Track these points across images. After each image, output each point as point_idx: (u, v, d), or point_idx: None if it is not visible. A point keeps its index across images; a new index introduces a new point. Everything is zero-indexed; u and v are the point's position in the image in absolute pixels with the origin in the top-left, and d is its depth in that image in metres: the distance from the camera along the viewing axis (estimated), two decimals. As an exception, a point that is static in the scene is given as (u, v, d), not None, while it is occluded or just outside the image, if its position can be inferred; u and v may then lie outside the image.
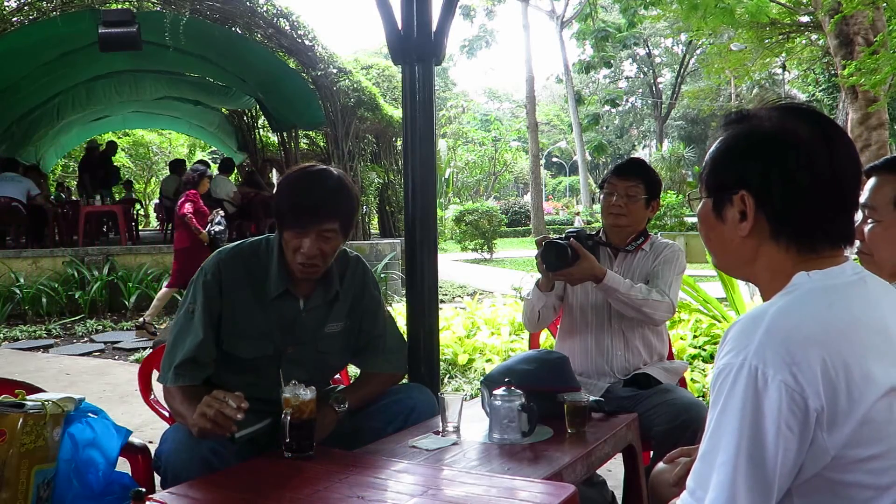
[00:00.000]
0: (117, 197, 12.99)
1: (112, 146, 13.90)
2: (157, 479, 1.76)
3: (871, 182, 1.56)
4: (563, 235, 2.36)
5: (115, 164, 13.61)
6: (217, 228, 6.73)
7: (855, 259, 1.25)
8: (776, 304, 0.98)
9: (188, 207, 6.70)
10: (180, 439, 1.72)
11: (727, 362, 0.94)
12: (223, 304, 1.91)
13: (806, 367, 0.90)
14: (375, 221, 11.91)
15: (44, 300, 7.76)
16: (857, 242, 1.56)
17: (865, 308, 0.98)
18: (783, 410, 0.89)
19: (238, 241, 2.02)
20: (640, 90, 39.46)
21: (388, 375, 2.13)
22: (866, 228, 1.56)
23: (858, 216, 1.55)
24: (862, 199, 1.54)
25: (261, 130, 14.36)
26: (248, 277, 1.94)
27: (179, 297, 7.47)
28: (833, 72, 14.93)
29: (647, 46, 36.37)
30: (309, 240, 1.85)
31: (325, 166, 1.98)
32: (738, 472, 0.90)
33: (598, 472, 2.36)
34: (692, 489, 0.96)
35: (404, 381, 2.34)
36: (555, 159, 45.71)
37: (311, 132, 12.10)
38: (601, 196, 2.55)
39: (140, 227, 15.58)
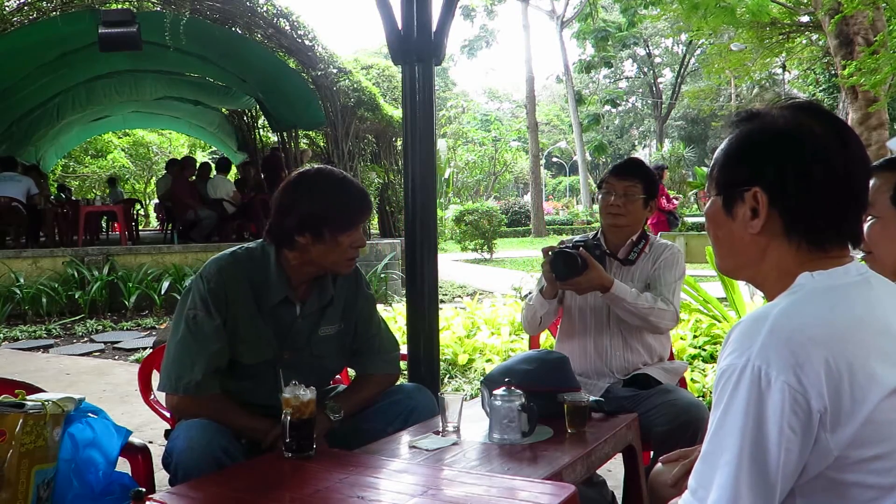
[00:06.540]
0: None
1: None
2: (166, 476, 1.76)
3: (872, 181, 1.56)
4: (571, 245, 2.35)
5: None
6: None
7: (860, 260, 1.25)
8: (779, 305, 0.97)
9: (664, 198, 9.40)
10: (192, 437, 1.73)
11: (730, 363, 0.94)
12: (228, 311, 1.91)
13: (809, 368, 0.89)
14: (375, 221, 11.89)
15: (44, 300, 7.75)
16: None
17: (869, 308, 0.98)
18: (786, 412, 0.89)
19: (233, 248, 2.01)
20: (640, 90, 39.42)
21: (383, 377, 2.13)
22: (865, 226, 1.56)
23: None
24: None
25: (261, 130, 14.37)
26: (248, 284, 1.94)
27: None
28: (833, 72, 14.93)
29: (647, 46, 36.36)
30: (359, 232, 1.96)
31: (329, 167, 2.04)
32: (741, 473, 0.90)
33: (598, 472, 2.35)
34: (694, 489, 0.96)
35: (404, 381, 2.34)
36: (555, 159, 45.66)
37: (311, 132, 12.10)
38: (599, 196, 2.55)
39: (140, 227, 15.57)
